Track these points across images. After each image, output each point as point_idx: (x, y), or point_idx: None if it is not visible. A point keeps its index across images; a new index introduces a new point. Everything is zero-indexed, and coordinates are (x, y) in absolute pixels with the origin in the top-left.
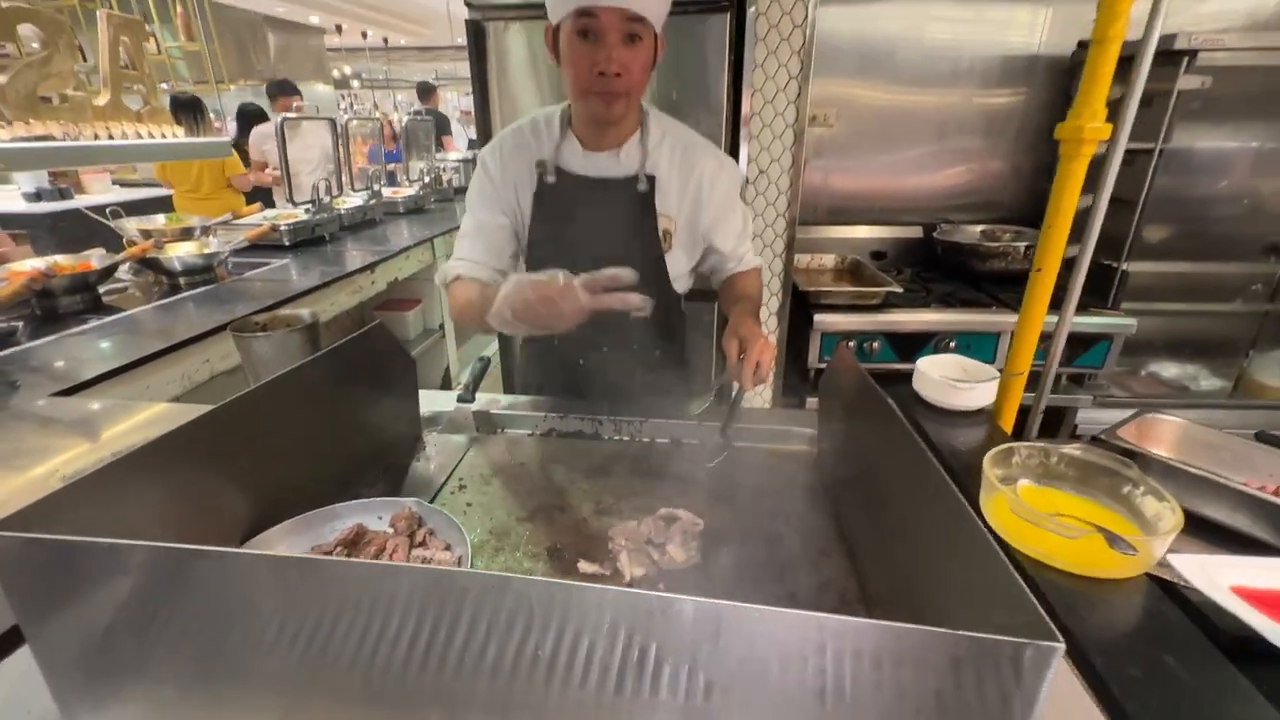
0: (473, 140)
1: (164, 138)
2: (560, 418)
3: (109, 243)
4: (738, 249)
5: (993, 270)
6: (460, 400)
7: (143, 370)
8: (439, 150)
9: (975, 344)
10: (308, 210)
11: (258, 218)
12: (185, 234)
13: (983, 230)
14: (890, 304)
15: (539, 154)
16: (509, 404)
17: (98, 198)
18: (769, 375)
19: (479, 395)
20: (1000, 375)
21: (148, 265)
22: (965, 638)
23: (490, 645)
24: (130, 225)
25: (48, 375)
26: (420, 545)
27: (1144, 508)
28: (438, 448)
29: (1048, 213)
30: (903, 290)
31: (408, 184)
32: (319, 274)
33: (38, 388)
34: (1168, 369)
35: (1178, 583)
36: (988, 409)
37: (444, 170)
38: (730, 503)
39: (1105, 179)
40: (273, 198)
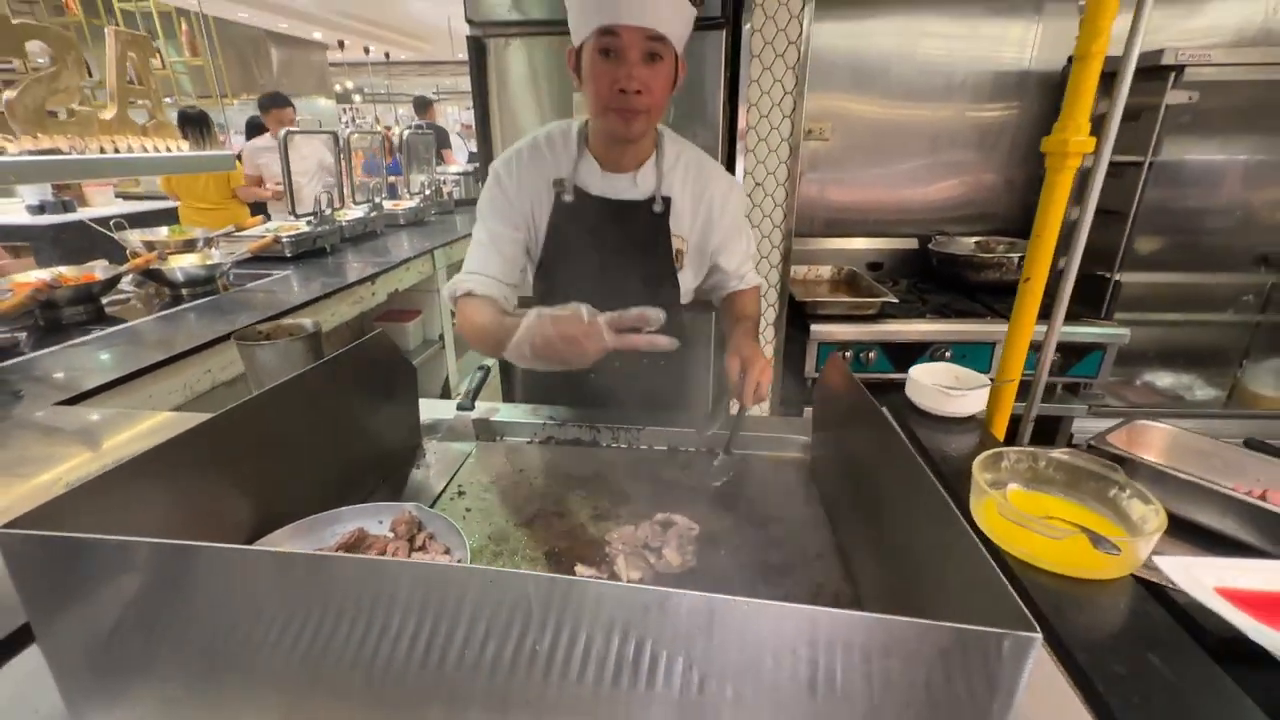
0: (473, 153)
1: (168, 151)
2: (559, 425)
3: (111, 254)
4: (741, 268)
5: (987, 281)
6: (460, 408)
7: (145, 380)
8: (439, 164)
9: (971, 354)
10: (309, 222)
11: (260, 230)
12: (188, 246)
13: (977, 242)
14: (886, 314)
15: (556, 171)
16: (508, 412)
17: (100, 210)
18: (767, 394)
19: (479, 403)
20: (992, 383)
21: (150, 276)
22: (947, 628)
23: (489, 641)
24: (133, 237)
25: (51, 385)
26: (420, 549)
27: (1130, 510)
28: (437, 455)
29: (1035, 223)
30: (898, 301)
31: (408, 197)
32: (320, 285)
33: (41, 397)
34: (1162, 378)
35: (1164, 584)
36: (980, 417)
37: (444, 183)
38: (726, 508)
39: (1091, 191)
40: (267, 210)
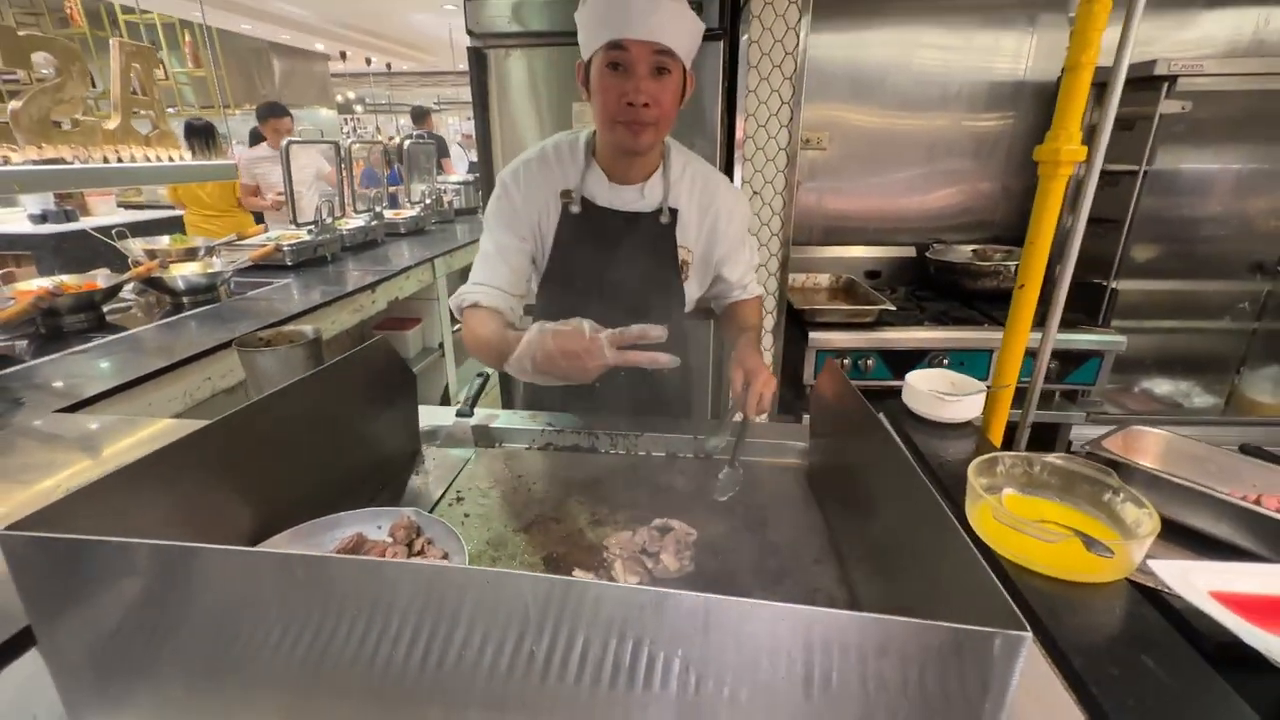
0: (473, 163)
1: (171, 160)
2: (557, 431)
3: (112, 263)
4: (744, 278)
5: (984, 289)
6: (459, 415)
7: (145, 387)
8: (439, 173)
9: (969, 360)
10: (310, 231)
11: (261, 238)
12: (189, 254)
13: (974, 250)
14: (884, 322)
15: (564, 182)
16: (507, 418)
17: (102, 219)
18: (770, 405)
19: (478, 410)
20: (988, 389)
21: (152, 285)
22: (938, 627)
23: (488, 642)
24: (135, 246)
25: (52, 392)
26: (419, 554)
27: (1124, 514)
28: (436, 461)
29: (1029, 231)
30: (896, 308)
31: (409, 206)
32: (320, 293)
33: (42, 404)
34: (1160, 386)
35: (1160, 589)
36: (977, 423)
37: (444, 192)
38: (724, 514)
39: (1083, 199)
40: (263, 219)
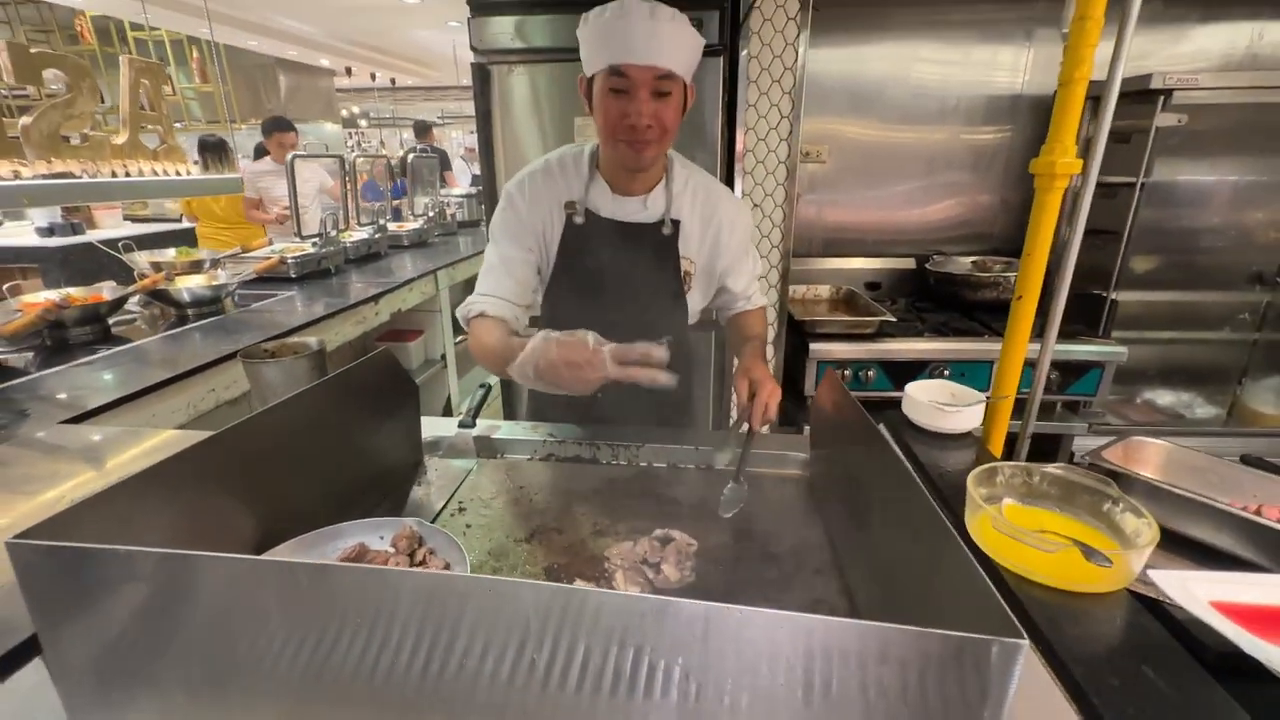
0: (475, 176)
1: (178, 175)
2: (559, 442)
3: (118, 275)
4: (748, 289)
5: (984, 300)
6: (461, 425)
7: (149, 399)
8: (442, 186)
9: (969, 372)
10: (314, 244)
11: (265, 251)
12: (195, 267)
13: (974, 261)
14: (885, 333)
15: (568, 194)
16: (509, 429)
17: (108, 232)
18: (775, 416)
19: (480, 421)
20: (987, 399)
21: (157, 297)
22: (936, 635)
23: (489, 650)
24: (141, 258)
25: (57, 404)
26: (420, 564)
27: (1123, 524)
28: (439, 472)
29: (1026, 242)
30: (897, 320)
31: (412, 218)
32: (324, 305)
33: (47, 416)
34: (1162, 397)
35: (1161, 599)
36: (978, 434)
37: (447, 205)
38: (725, 525)
39: (1079, 211)
40: (265, 232)
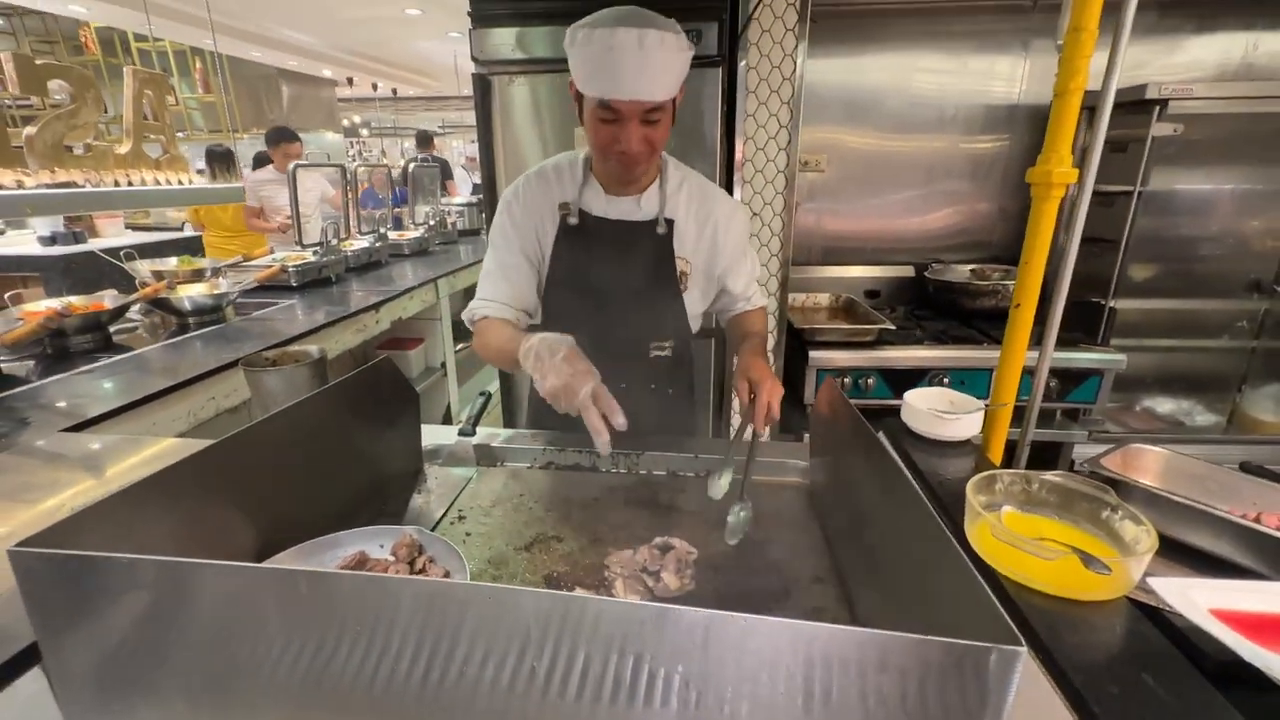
0: (476, 185)
1: (180, 184)
2: (559, 450)
3: (119, 284)
4: (747, 289)
5: (983, 308)
6: (461, 434)
7: (150, 407)
8: (443, 195)
9: (969, 379)
10: (315, 252)
11: (267, 259)
12: (196, 275)
13: (972, 270)
14: (884, 341)
15: (562, 196)
16: (509, 437)
17: (110, 241)
18: (779, 414)
19: (480, 429)
20: (985, 407)
21: (159, 305)
22: (934, 642)
23: (489, 658)
24: (143, 267)
25: (57, 412)
26: (420, 572)
27: (1123, 531)
28: (438, 480)
29: (1023, 251)
30: (896, 328)
31: (413, 227)
32: (324, 313)
33: (47, 424)
34: (1162, 404)
35: (1160, 607)
36: (976, 441)
37: (448, 214)
38: (725, 531)
39: (1076, 219)
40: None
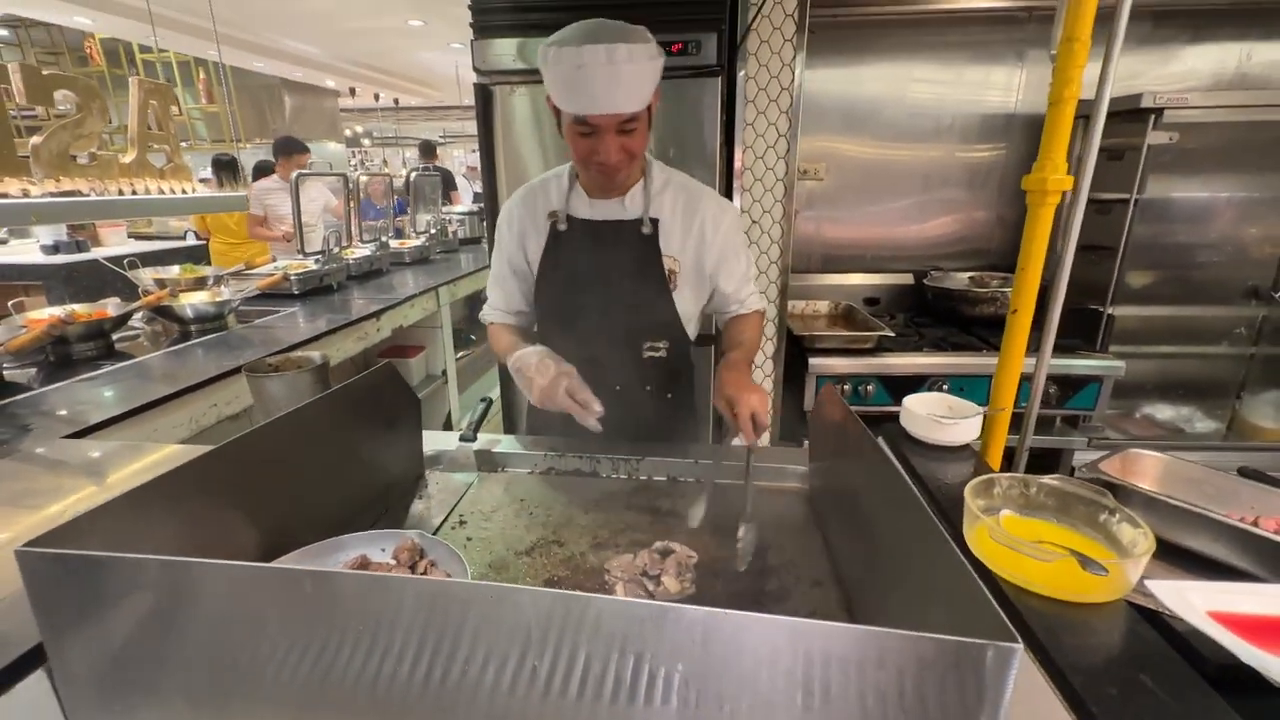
0: (477, 194)
1: (184, 193)
2: (559, 456)
3: (121, 292)
4: (740, 291)
5: (982, 315)
6: (462, 439)
7: (152, 414)
8: (446, 204)
9: (969, 386)
10: (317, 261)
11: (269, 268)
12: (199, 283)
13: (971, 277)
14: (883, 348)
15: (550, 206)
16: (510, 443)
17: (113, 250)
18: (768, 419)
19: (480, 434)
20: (984, 412)
21: (161, 313)
22: (931, 640)
23: (491, 658)
24: (146, 275)
25: (59, 419)
26: (422, 575)
27: (1120, 534)
28: (439, 485)
29: (1020, 257)
30: (895, 335)
31: (414, 236)
32: (326, 321)
33: (50, 430)
34: (1162, 411)
35: (1159, 610)
36: (975, 446)
37: (449, 222)
38: (725, 537)
39: (1070, 226)
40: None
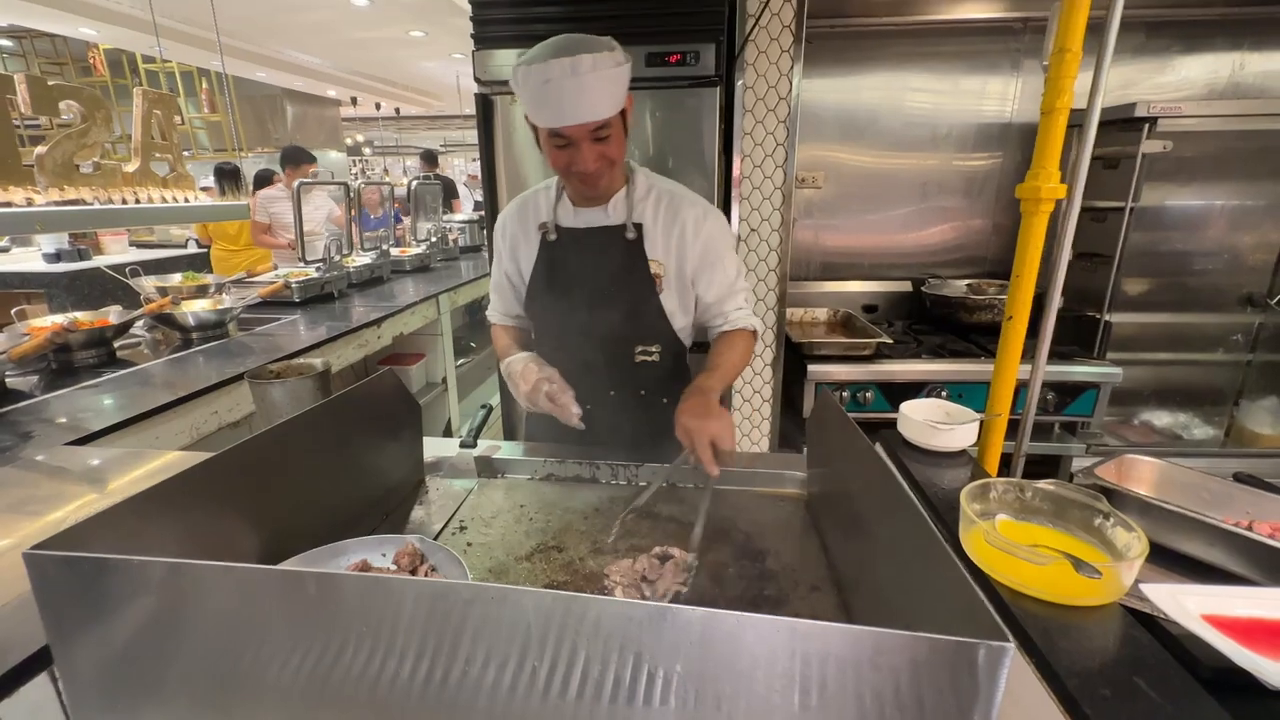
0: (478, 202)
1: (187, 201)
2: (559, 462)
3: (122, 300)
4: (724, 304)
5: (980, 322)
6: (463, 446)
7: (153, 421)
8: (447, 212)
9: (967, 392)
10: (318, 269)
11: (270, 275)
12: (200, 291)
13: (969, 284)
14: (882, 355)
15: (539, 218)
16: (510, 449)
17: (115, 258)
18: (733, 445)
19: (480, 441)
20: (980, 417)
21: (163, 321)
22: (924, 639)
23: (491, 659)
24: (148, 283)
25: (61, 426)
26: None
27: (1114, 538)
28: (440, 491)
29: (1014, 265)
30: (894, 342)
31: (414, 244)
32: (326, 329)
33: (52, 438)
34: (1160, 418)
35: (1154, 614)
36: (972, 452)
37: (450, 230)
38: (724, 542)
39: (1064, 234)
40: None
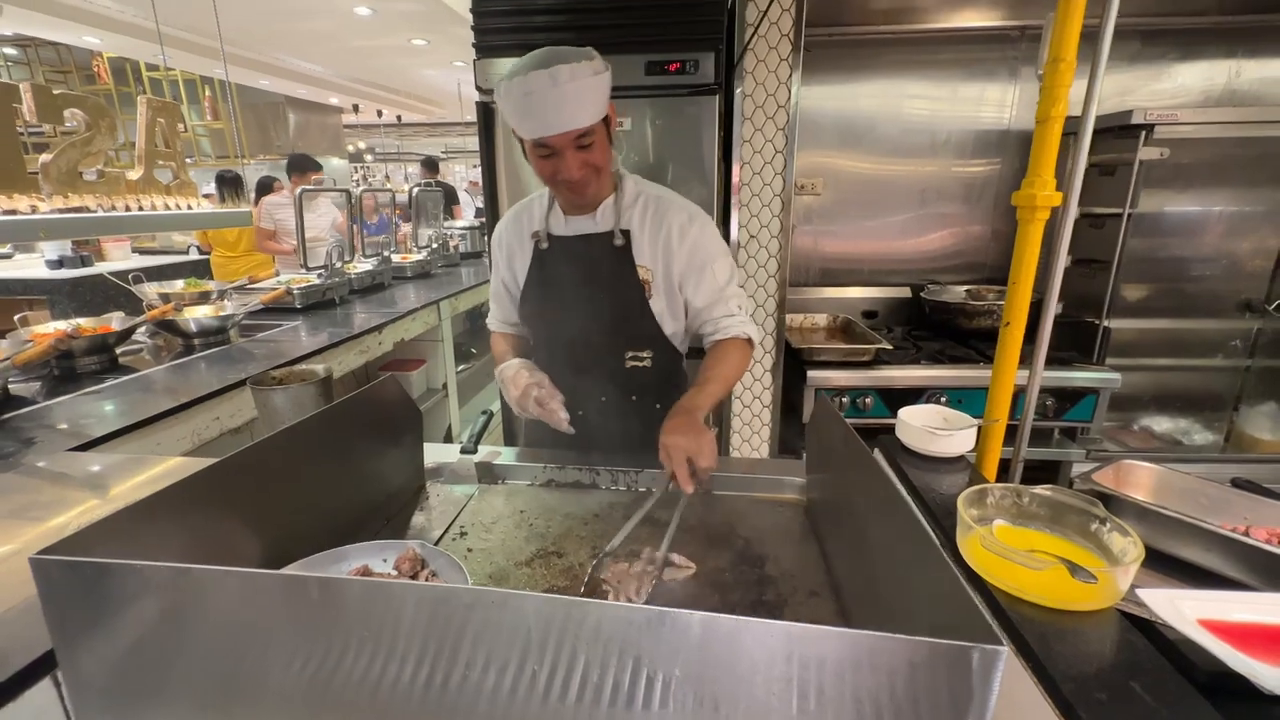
0: (479, 208)
1: (190, 209)
2: (559, 468)
3: (124, 306)
4: (714, 310)
5: (979, 328)
6: (463, 451)
7: (155, 427)
8: (448, 218)
9: (966, 398)
10: (320, 275)
11: (272, 281)
12: (203, 298)
13: (967, 290)
14: (881, 361)
15: (532, 227)
16: (510, 455)
17: (117, 264)
18: (713, 463)
19: (481, 447)
20: (979, 423)
21: (165, 327)
22: (919, 642)
23: (491, 663)
24: (150, 290)
25: (64, 432)
26: None
27: (1111, 543)
28: (440, 497)
29: (1011, 271)
30: (893, 348)
31: (415, 250)
32: (328, 335)
33: (53, 444)
34: (1159, 423)
35: (1150, 619)
36: (970, 458)
37: (451, 237)
38: (723, 547)
39: (1060, 240)
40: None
